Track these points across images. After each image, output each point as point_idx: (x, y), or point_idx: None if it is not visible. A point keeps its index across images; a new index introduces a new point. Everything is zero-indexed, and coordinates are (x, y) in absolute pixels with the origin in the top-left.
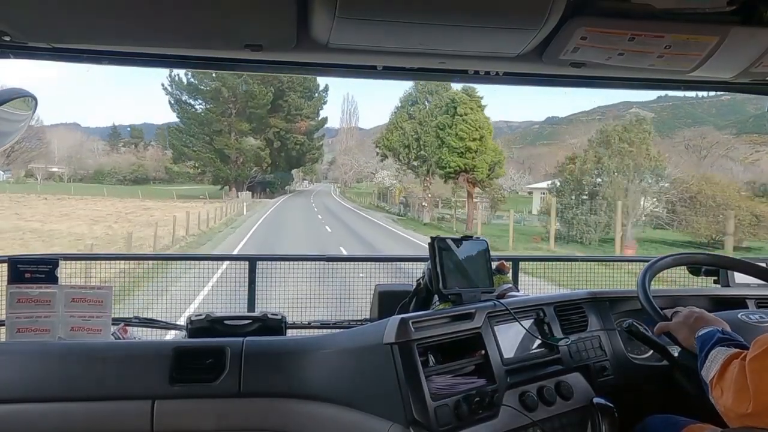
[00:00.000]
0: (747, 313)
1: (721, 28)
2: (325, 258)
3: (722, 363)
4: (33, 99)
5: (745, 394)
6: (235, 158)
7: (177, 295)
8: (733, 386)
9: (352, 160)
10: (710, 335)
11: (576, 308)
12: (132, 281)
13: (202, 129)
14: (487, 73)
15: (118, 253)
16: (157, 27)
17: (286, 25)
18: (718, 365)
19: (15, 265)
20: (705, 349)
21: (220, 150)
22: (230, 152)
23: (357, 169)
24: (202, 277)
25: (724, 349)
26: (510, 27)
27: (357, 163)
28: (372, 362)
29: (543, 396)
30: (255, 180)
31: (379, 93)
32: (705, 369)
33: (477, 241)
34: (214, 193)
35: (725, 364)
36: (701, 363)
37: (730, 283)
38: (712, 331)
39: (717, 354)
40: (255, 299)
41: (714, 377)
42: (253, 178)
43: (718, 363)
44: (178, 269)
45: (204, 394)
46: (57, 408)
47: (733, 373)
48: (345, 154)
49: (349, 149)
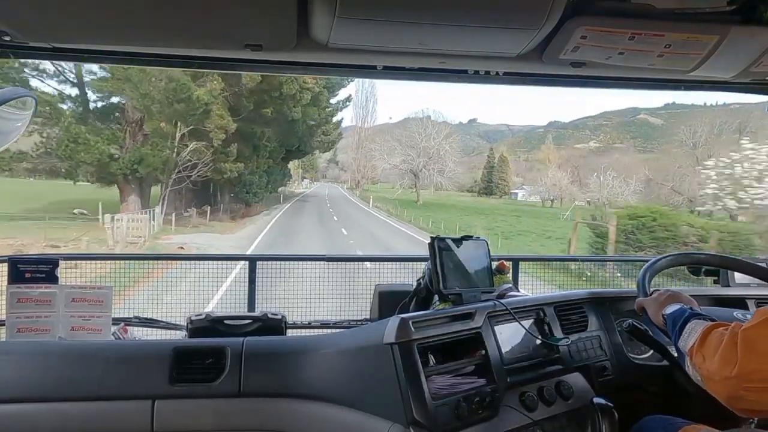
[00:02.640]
0: (743, 312)
1: (721, 28)
2: (325, 258)
3: (702, 332)
4: (33, 99)
5: (731, 358)
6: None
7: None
8: (718, 352)
9: (363, 157)
10: (681, 311)
11: (576, 308)
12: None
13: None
14: (487, 72)
15: (119, 253)
16: (157, 27)
17: (286, 25)
18: (698, 334)
19: (15, 265)
20: (678, 323)
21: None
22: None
23: (368, 165)
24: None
25: (701, 321)
26: (510, 27)
27: (368, 160)
28: (372, 362)
29: (543, 396)
30: (198, 184)
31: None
32: (682, 340)
33: (477, 240)
34: (112, 205)
35: (705, 333)
36: (676, 336)
37: (730, 283)
38: (682, 308)
39: (695, 325)
40: (255, 299)
41: (694, 345)
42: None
43: (696, 333)
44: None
45: (204, 394)
46: (57, 408)
47: (719, 340)
48: (359, 148)
49: (363, 142)
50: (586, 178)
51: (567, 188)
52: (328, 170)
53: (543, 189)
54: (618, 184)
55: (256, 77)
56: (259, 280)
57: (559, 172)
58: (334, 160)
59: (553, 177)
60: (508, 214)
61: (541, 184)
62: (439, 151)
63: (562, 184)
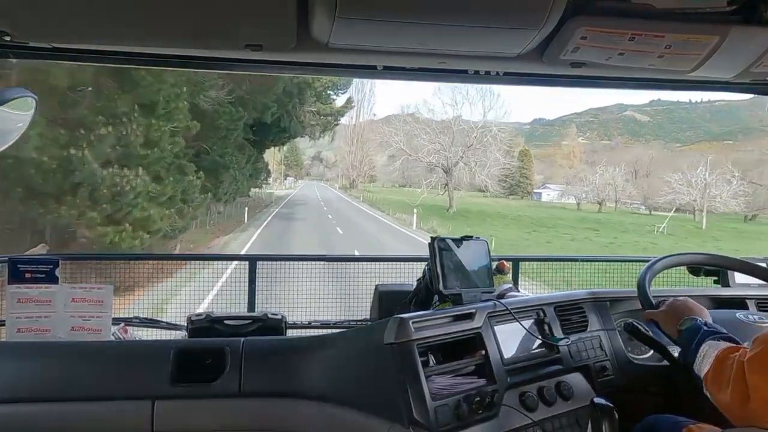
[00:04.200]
0: (745, 314)
1: (722, 28)
2: (325, 258)
3: (715, 358)
4: (33, 99)
5: (743, 391)
6: None
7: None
8: (730, 384)
9: (360, 150)
10: (695, 329)
11: (576, 308)
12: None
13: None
14: (487, 73)
15: (118, 253)
16: (157, 27)
17: (286, 25)
18: (711, 360)
19: (15, 265)
20: (693, 343)
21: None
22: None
23: (365, 160)
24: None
25: (715, 343)
26: (510, 27)
27: (366, 155)
28: (372, 362)
29: (543, 396)
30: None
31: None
32: (696, 364)
33: (477, 240)
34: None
35: (718, 360)
36: (691, 357)
37: (730, 283)
38: (697, 324)
39: (708, 348)
40: (255, 299)
41: (708, 373)
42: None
43: (710, 358)
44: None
45: (204, 394)
46: (57, 408)
47: (729, 370)
48: (354, 143)
49: (361, 132)
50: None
51: (624, 188)
52: (312, 167)
53: (589, 189)
54: (717, 183)
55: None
56: (259, 280)
57: (608, 169)
58: (318, 157)
59: (603, 175)
60: (577, 225)
61: (583, 183)
62: (482, 139)
63: (617, 182)
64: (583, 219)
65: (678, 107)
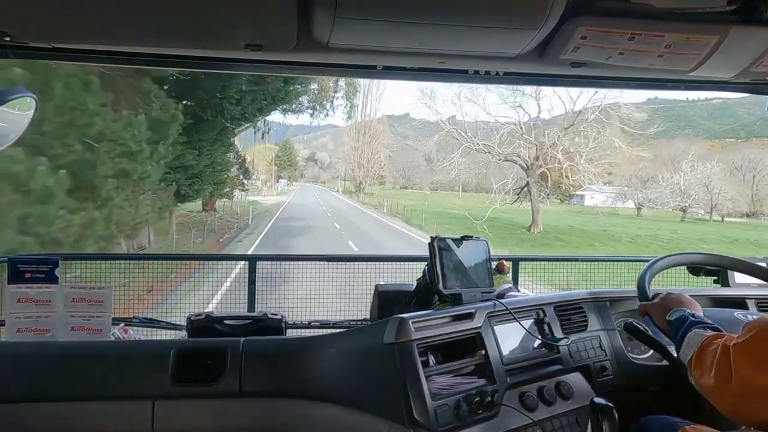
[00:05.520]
0: (744, 313)
1: (721, 28)
2: (325, 258)
3: (700, 345)
4: (33, 99)
5: (726, 376)
6: None
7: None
8: (713, 368)
9: (368, 147)
10: (683, 319)
11: (576, 308)
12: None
13: None
14: (487, 73)
15: (119, 253)
16: (157, 27)
17: (286, 25)
18: (696, 346)
19: (15, 265)
20: (680, 331)
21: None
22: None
23: (373, 159)
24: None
25: (701, 332)
26: (510, 27)
27: (374, 152)
28: (372, 362)
29: (543, 396)
30: None
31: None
32: (682, 351)
33: (477, 240)
34: None
35: (703, 346)
36: (678, 345)
37: (730, 283)
38: (684, 315)
39: (694, 336)
40: (255, 299)
41: (692, 358)
42: None
43: (695, 345)
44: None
45: (204, 394)
46: (57, 408)
47: (713, 354)
48: (362, 133)
49: (371, 130)
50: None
51: (724, 191)
52: (307, 169)
53: (668, 191)
54: None
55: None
56: (259, 280)
57: (696, 167)
58: (313, 158)
59: (689, 174)
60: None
61: (652, 183)
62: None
63: (712, 184)
64: (702, 237)
65: (675, 105)
